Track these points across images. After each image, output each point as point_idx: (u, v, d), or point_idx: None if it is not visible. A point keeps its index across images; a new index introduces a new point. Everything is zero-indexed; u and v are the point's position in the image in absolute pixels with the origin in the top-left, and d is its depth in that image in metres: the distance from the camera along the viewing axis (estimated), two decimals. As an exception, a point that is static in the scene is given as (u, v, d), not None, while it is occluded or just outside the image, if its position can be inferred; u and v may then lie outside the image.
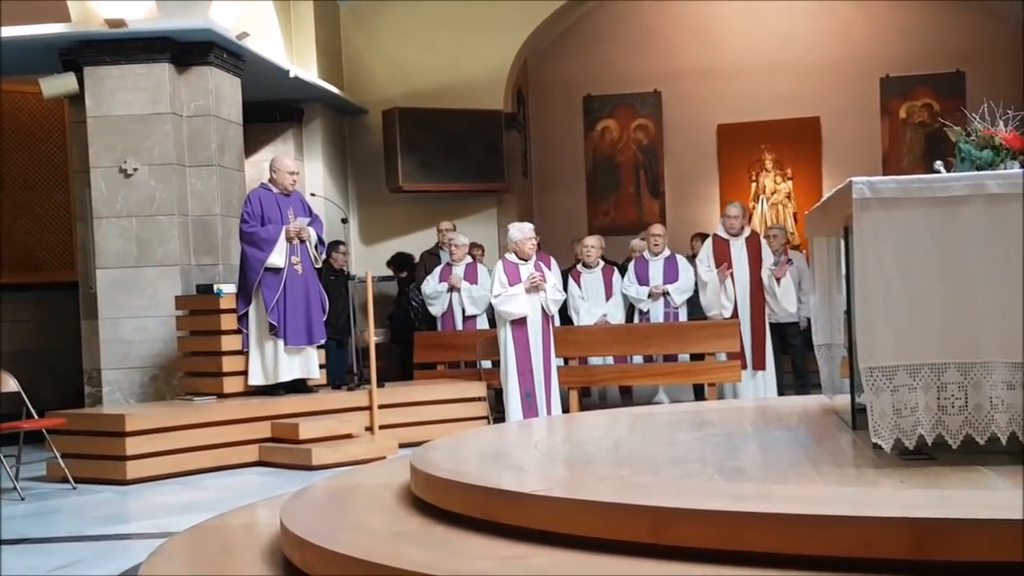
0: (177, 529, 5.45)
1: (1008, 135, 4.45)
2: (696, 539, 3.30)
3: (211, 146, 10.38)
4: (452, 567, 3.37)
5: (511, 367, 9.59)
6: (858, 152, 15.35)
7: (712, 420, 5.81)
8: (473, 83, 13.89)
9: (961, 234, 3.93)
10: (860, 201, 4.00)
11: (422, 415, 9.74)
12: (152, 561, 4.57)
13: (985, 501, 3.34)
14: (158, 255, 10.11)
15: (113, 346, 10.11)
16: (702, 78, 16.02)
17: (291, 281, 9.37)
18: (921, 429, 3.96)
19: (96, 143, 10.12)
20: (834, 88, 15.64)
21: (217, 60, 10.41)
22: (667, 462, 4.57)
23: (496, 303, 9.68)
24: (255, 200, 9.39)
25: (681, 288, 11.09)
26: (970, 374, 3.93)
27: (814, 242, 5.75)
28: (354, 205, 14.31)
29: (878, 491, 3.63)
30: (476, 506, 3.98)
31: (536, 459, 4.89)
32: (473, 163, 13.80)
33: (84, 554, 5.72)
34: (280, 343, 9.35)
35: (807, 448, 4.59)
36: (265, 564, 4.30)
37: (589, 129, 16.55)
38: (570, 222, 15.75)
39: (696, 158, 16.17)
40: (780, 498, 3.56)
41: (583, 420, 6.72)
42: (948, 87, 15.45)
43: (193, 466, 8.54)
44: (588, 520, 3.54)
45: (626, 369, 11.10)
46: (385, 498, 4.83)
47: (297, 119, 13.40)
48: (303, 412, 9.19)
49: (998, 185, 3.92)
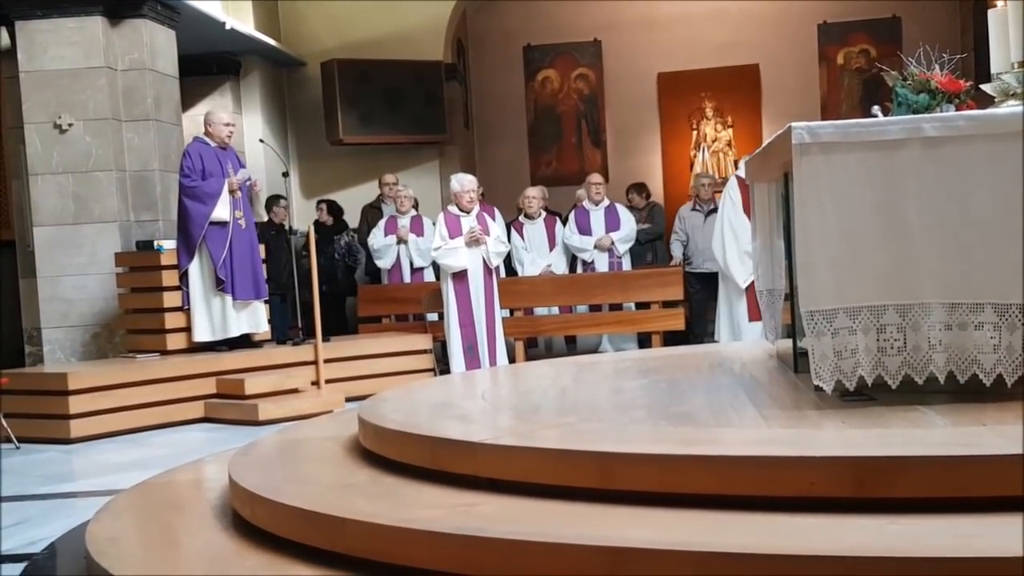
0: (124, 486, 5.42)
1: (943, 79, 4.49)
2: (643, 483, 3.34)
3: (147, 100, 10.22)
4: (402, 516, 3.39)
5: (453, 320, 9.59)
6: (797, 99, 15.44)
7: (657, 367, 5.86)
8: (412, 34, 13.78)
9: (899, 177, 3.97)
10: (799, 146, 4.03)
11: (368, 369, 9.74)
12: (99, 518, 4.54)
13: (924, 439, 3.41)
14: (96, 211, 9.97)
15: (53, 304, 9.98)
16: (642, 27, 16.00)
17: (236, 236, 9.31)
18: (861, 371, 4.02)
19: (30, 99, 9.93)
20: (773, 35, 15.70)
21: (151, 12, 10.22)
22: (613, 409, 4.62)
23: (436, 256, 9.66)
24: (194, 154, 9.29)
25: (624, 237, 11.17)
26: (908, 315, 3.99)
27: (755, 188, 5.79)
28: (294, 159, 14.18)
29: (820, 432, 3.69)
30: (425, 456, 3.99)
31: (484, 409, 4.91)
32: (414, 115, 13.72)
33: (30, 512, 5.68)
34: (228, 298, 9.29)
35: (751, 392, 4.65)
36: (214, 519, 4.30)
37: (530, 79, 16.49)
38: (512, 173, 15.73)
39: (637, 107, 16.18)
40: (725, 441, 3.61)
41: (529, 370, 6.75)
42: (884, 32, 15.57)
43: (138, 423, 8.50)
44: (536, 467, 3.57)
45: (571, 319, 11.16)
46: (333, 451, 4.83)
47: (234, 72, 13.22)
48: (248, 368, 9.17)
49: (934, 128, 3.96)
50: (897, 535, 2.85)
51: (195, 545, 4.04)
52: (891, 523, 2.94)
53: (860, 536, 2.85)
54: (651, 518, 3.17)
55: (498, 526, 3.19)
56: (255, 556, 3.72)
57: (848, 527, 2.94)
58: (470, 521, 3.26)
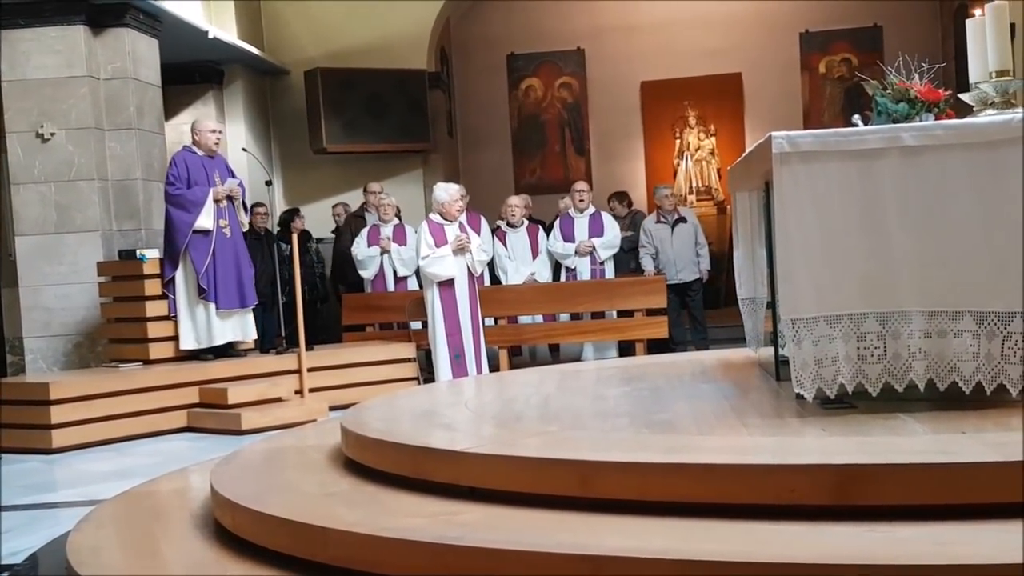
0: (106, 496, 5.40)
1: (923, 88, 4.52)
2: (624, 491, 3.35)
3: (130, 109, 10.20)
4: (383, 525, 3.39)
5: (439, 329, 9.56)
6: (779, 107, 15.52)
7: (639, 375, 5.87)
8: (395, 42, 13.79)
9: (878, 186, 3.99)
10: (779, 155, 4.05)
11: (352, 377, 9.72)
12: (81, 528, 4.53)
13: (904, 447, 3.42)
14: (78, 221, 9.95)
15: (35, 314, 9.95)
16: (625, 35, 16.06)
17: (220, 244, 9.29)
18: (842, 378, 4.04)
19: (11, 107, 9.91)
20: (755, 44, 15.77)
21: (133, 21, 10.21)
22: (595, 416, 4.62)
23: (424, 265, 9.62)
24: (180, 162, 9.27)
25: (607, 243, 11.18)
26: (888, 323, 4.01)
27: (736, 197, 5.81)
28: (278, 167, 14.17)
29: (801, 440, 3.71)
30: (407, 465, 4.00)
31: (466, 417, 4.91)
32: (398, 123, 13.73)
33: (12, 523, 5.65)
34: (212, 307, 9.27)
35: (732, 400, 4.66)
36: (196, 528, 4.29)
37: (513, 88, 16.53)
38: (497, 181, 15.75)
39: (620, 115, 16.23)
40: (706, 449, 3.62)
41: (513, 378, 6.75)
42: (866, 41, 15.65)
43: (121, 433, 8.47)
44: (517, 475, 3.57)
45: (554, 327, 11.16)
46: (316, 460, 4.83)
47: (217, 81, 13.21)
48: (231, 377, 9.13)
49: (913, 137, 3.99)
50: (877, 542, 2.86)
51: (177, 555, 4.03)
52: (871, 530, 2.95)
53: (840, 543, 2.86)
54: (632, 526, 3.18)
55: (478, 534, 3.19)
56: (237, 566, 3.71)
57: (828, 534, 2.95)
58: (451, 530, 3.26)
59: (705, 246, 11.60)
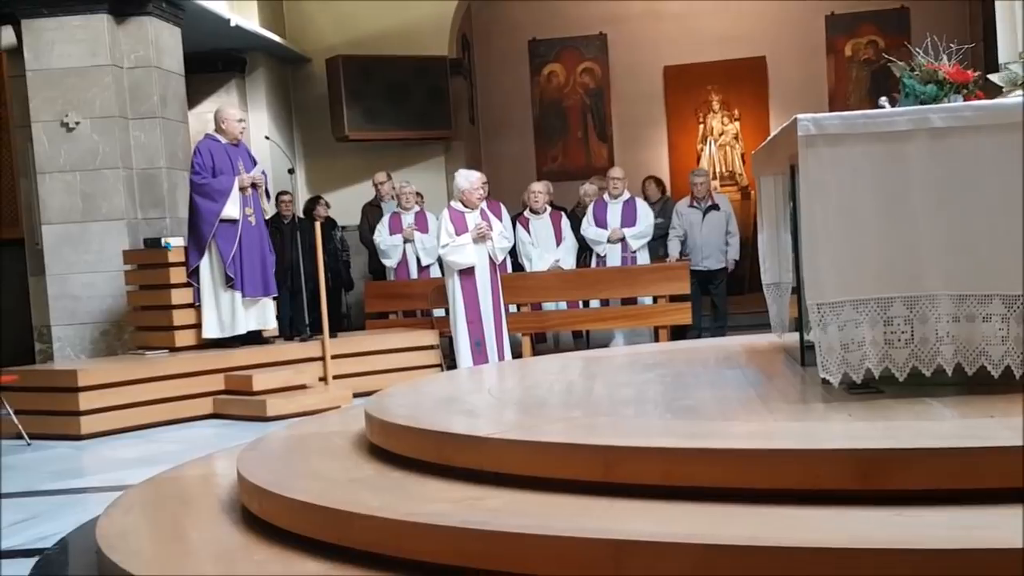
0: (133, 482, 5.43)
1: (951, 69, 4.48)
2: (648, 476, 3.34)
3: (153, 98, 10.23)
4: (408, 510, 3.40)
5: (460, 316, 9.57)
6: (805, 91, 15.42)
7: (663, 361, 5.86)
8: (417, 29, 13.77)
9: (906, 168, 3.95)
10: (805, 138, 4.02)
11: (375, 364, 9.74)
12: (109, 514, 4.56)
13: (930, 431, 3.40)
14: (104, 209, 10.00)
15: (62, 302, 10.02)
16: (647, 19, 15.99)
17: (246, 233, 9.30)
18: (868, 363, 4.01)
19: (36, 97, 9.96)
20: (780, 27, 15.68)
21: (156, 10, 10.23)
22: (619, 403, 4.61)
23: (444, 253, 9.61)
24: (205, 151, 9.27)
25: (639, 233, 11.10)
26: (915, 308, 3.98)
27: (761, 181, 5.78)
28: (300, 155, 14.19)
29: (826, 425, 3.69)
30: (431, 451, 4.00)
31: (489, 403, 4.92)
32: (419, 110, 13.72)
33: (41, 509, 5.69)
34: (237, 295, 9.29)
35: (757, 386, 4.65)
36: (223, 513, 4.31)
37: (535, 74, 16.49)
38: (518, 168, 15.73)
39: (643, 101, 16.17)
40: (730, 435, 3.60)
41: (536, 364, 6.75)
42: (892, 23, 15.54)
43: (148, 420, 8.52)
44: (541, 461, 3.57)
45: (577, 314, 11.15)
46: (340, 446, 4.84)
47: (240, 69, 13.24)
48: (256, 364, 9.17)
49: (941, 119, 3.95)
50: (903, 527, 2.84)
51: (204, 539, 4.05)
52: (897, 515, 2.93)
53: (866, 528, 2.85)
54: (656, 511, 3.17)
55: (503, 519, 3.19)
56: (264, 550, 3.73)
57: (854, 519, 2.93)
58: (476, 515, 3.26)
59: (736, 235, 11.47)
